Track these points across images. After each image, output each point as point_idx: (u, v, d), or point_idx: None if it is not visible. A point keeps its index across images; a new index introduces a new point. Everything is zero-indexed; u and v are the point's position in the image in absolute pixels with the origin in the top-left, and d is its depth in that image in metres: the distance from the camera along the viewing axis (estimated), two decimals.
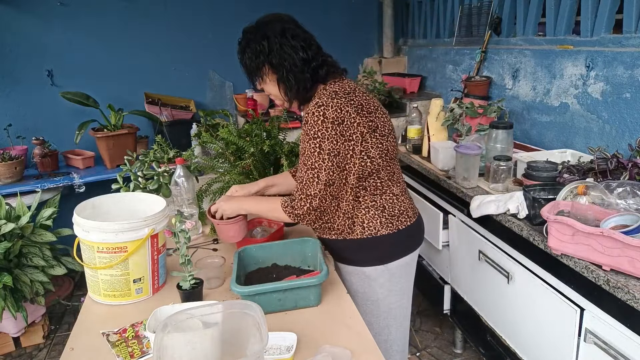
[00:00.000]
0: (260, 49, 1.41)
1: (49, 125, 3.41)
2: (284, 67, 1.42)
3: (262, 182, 1.73)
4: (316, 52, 1.46)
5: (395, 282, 1.56)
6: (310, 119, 1.36)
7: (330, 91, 1.41)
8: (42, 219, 2.52)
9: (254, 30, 1.44)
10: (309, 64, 1.43)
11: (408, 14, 3.98)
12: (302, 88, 1.45)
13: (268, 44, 1.40)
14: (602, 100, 2.15)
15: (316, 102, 1.37)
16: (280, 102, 1.54)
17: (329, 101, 1.36)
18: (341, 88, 1.43)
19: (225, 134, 1.97)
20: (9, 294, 2.30)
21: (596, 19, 2.15)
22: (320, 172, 1.37)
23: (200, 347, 0.99)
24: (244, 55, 1.46)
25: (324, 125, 1.35)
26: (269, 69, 1.44)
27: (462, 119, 2.55)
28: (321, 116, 1.35)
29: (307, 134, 1.37)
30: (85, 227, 1.35)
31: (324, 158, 1.36)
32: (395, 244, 1.52)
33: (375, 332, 1.59)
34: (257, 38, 1.42)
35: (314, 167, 1.37)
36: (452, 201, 2.24)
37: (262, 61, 1.43)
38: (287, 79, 1.43)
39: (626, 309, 1.32)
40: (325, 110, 1.35)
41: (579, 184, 1.57)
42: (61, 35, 3.34)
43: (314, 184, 1.38)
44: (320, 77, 1.46)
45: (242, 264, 1.49)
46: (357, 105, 1.40)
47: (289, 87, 1.45)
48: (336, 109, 1.36)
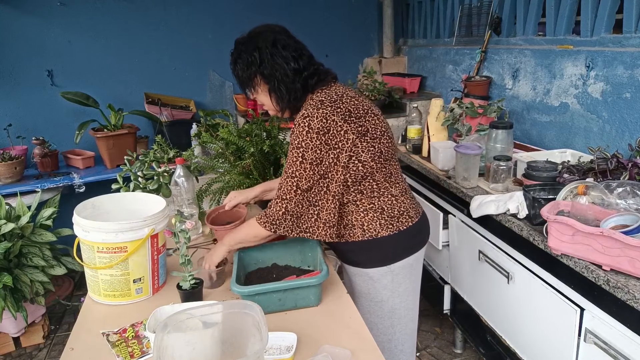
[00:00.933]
0: (252, 60, 1.43)
1: (49, 125, 3.41)
2: (275, 78, 1.43)
3: (259, 187, 1.74)
4: (307, 62, 1.47)
5: (398, 284, 1.55)
6: (296, 130, 1.37)
7: (316, 101, 1.42)
8: (42, 219, 2.52)
9: (245, 41, 1.46)
10: (300, 74, 1.44)
11: (408, 14, 3.98)
12: (293, 98, 1.46)
13: (259, 55, 1.42)
14: (602, 100, 2.15)
15: (302, 114, 1.38)
16: (272, 111, 1.56)
17: (314, 112, 1.37)
18: (327, 96, 1.43)
19: (225, 134, 1.97)
20: (9, 294, 2.30)
21: (596, 19, 2.15)
22: (300, 181, 1.37)
23: (200, 347, 1.00)
24: (236, 66, 1.48)
25: (308, 135, 1.35)
26: (261, 79, 1.45)
27: (462, 119, 2.55)
28: (306, 127, 1.35)
29: (291, 143, 1.38)
30: (85, 227, 1.35)
31: (306, 167, 1.36)
32: (396, 245, 1.52)
33: (380, 332, 1.59)
34: (249, 49, 1.44)
35: (294, 175, 1.37)
36: (452, 201, 2.24)
37: (253, 72, 1.44)
38: (279, 89, 1.45)
39: (626, 309, 1.32)
40: (310, 121, 1.35)
41: (579, 184, 1.57)
42: (61, 35, 3.34)
43: (292, 190, 1.37)
44: (310, 87, 1.47)
45: (242, 264, 1.50)
46: (345, 112, 1.40)
47: (280, 97, 1.46)
48: (321, 119, 1.36)
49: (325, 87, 1.48)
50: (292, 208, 1.38)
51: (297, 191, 1.37)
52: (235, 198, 1.68)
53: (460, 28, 3.18)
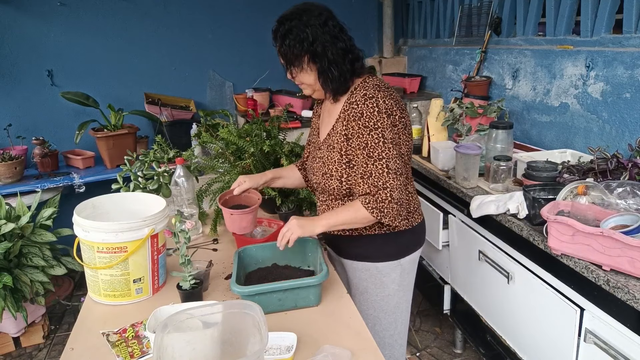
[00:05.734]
0: (303, 37, 1.35)
1: (49, 125, 3.41)
2: (327, 57, 1.38)
3: (270, 173, 1.69)
4: (352, 45, 1.44)
5: (404, 278, 1.58)
6: (365, 111, 1.34)
7: (372, 84, 1.40)
8: (42, 219, 2.52)
9: (295, 17, 1.37)
10: (347, 55, 1.41)
11: (408, 14, 3.98)
12: (343, 79, 1.42)
13: (312, 32, 1.35)
14: (602, 100, 2.15)
15: (364, 94, 1.36)
16: (310, 91, 1.49)
17: (377, 93, 1.36)
18: (380, 82, 1.43)
19: (225, 134, 1.97)
20: (9, 294, 2.30)
21: (596, 19, 2.15)
22: (389, 162, 1.34)
23: (200, 347, 1.00)
24: (284, 43, 1.38)
25: (380, 115, 1.34)
26: (310, 58, 1.39)
27: (462, 119, 2.55)
28: (375, 107, 1.34)
29: (365, 126, 1.34)
30: (85, 227, 1.35)
31: (389, 147, 1.34)
32: (410, 240, 1.56)
33: (383, 328, 1.60)
34: (300, 25, 1.36)
35: (382, 157, 1.34)
36: (452, 201, 2.24)
37: (304, 50, 1.37)
38: (329, 69, 1.39)
39: (626, 309, 1.31)
40: (377, 102, 1.34)
41: (579, 184, 1.57)
42: (61, 35, 3.34)
43: (384, 174, 1.34)
44: (357, 69, 1.44)
45: (242, 263, 1.49)
46: (396, 100, 1.41)
47: (330, 78, 1.40)
48: (384, 100, 1.35)
49: (369, 74, 1.47)
50: (396, 196, 1.35)
51: (389, 174, 1.34)
52: (245, 183, 1.61)
53: (460, 28, 3.18)
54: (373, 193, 1.36)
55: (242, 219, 1.55)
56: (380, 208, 1.35)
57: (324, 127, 1.55)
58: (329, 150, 1.46)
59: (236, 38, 3.63)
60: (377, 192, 1.35)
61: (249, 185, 1.61)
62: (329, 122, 1.50)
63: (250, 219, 1.57)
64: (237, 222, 1.56)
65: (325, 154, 1.47)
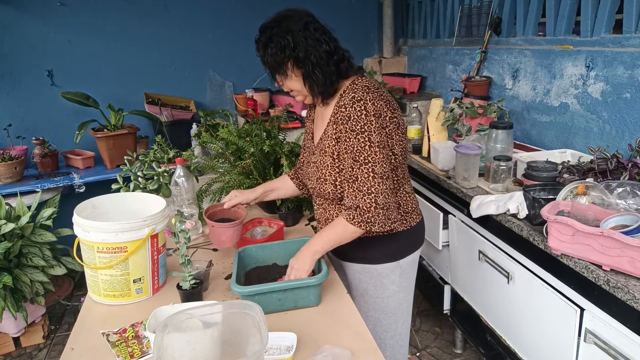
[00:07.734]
0: (285, 44, 1.35)
1: (49, 125, 3.41)
2: (310, 61, 1.37)
3: (260, 188, 1.70)
4: (337, 46, 1.43)
5: (404, 278, 1.58)
6: (353, 114, 1.33)
7: (361, 85, 1.39)
8: (42, 219, 2.52)
9: (274, 25, 1.37)
10: (332, 57, 1.40)
11: (408, 14, 3.98)
12: (329, 82, 1.41)
13: (293, 38, 1.35)
14: (602, 100, 2.15)
15: (352, 97, 1.35)
16: (301, 97, 1.49)
17: (366, 95, 1.34)
18: (369, 83, 1.42)
19: (225, 134, 1.97)
20: (9, 294, 2.30)
21: (596, 19, 2.15)
22: (374, 166, 1.33)
23: (200, 347, 1.00)
24: (266, 51, 1.38)
25: (368, 119, 1.32)
26: (294, 63, 1.39)
27: (462, 119, 2.55)
28: (363, 110, 1.33)
29: (352, 130, 1.33)
30: (85, 227, 1.35)
31: (375, 151, 1.33)
32: (408, 240, 1.55)
33: (383, 329, 1.60)
34: (280, 32, 1.35)
35: (367, 161, 1.33)
36: (452, 201, 2.24)
37: (287, 56, 1.36)
38: (314, 73, 1.38)
39: (626, 309, 1.31)
40: (365, 105, 1.33)
41: (579, 184, 1.57)
42: (61, 35, 3.34)
43: (370, 178, 1.33)
44: (342, 71, 1.43)
45: (242, 263, 1.49)
46: (388, 100, 1.40)
47: (315, 82, 1.39)
48: (373, 102, 1.34)
49: (358, 75, 1.46)
50: (381, 201, 1.34)
51: (375, 179, 1.33)
52: (236, 198, 1.64)
53: (460, 28, 3.18)
54: (355, 206, 1.36)
55: (222, 232, 1.55)
56: (366, 220, 1.35)
57: (317, 131, 1.55)
58: (321, 155, 1.45)
59: (236, 38, 3.63)
60: (361, 197, 1.34)
61: (239, 200, 1.63)
62: (322, 126, 1.50)
63: (230, 234, 1.56)
64: (216, 235, 1.57)
65: (319, 159, 1.46)
